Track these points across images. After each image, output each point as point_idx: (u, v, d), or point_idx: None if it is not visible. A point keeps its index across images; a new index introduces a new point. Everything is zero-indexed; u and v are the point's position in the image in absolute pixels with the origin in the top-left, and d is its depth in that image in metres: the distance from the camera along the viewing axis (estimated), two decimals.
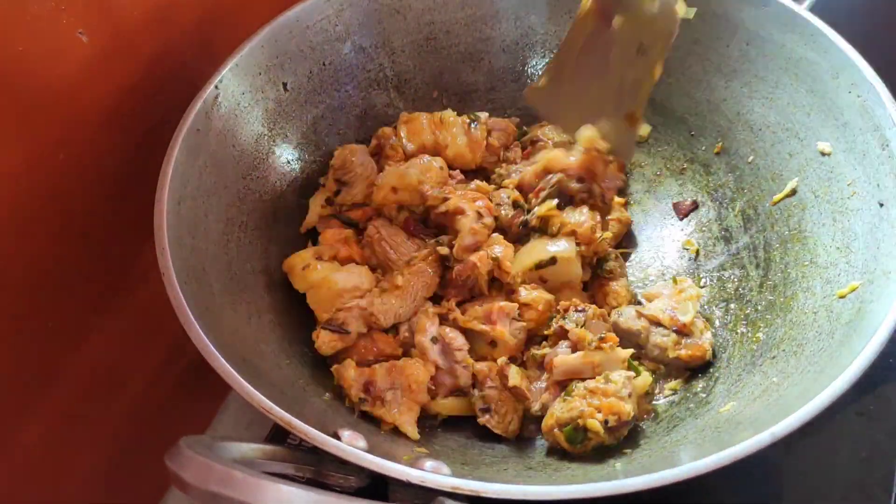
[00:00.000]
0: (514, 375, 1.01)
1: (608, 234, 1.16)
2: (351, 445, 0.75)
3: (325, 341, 1.05)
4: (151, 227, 0.90)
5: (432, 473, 0.73)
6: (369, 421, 1.00)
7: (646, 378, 1.01)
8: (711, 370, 1.05)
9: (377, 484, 0.76)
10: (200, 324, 0.83)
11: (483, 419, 1.01)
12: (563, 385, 1.00)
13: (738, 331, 1.07)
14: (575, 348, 1.03)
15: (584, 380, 0.99)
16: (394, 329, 1.09)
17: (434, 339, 1.05)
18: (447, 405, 1.05)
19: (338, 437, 0.77)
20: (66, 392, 0.98)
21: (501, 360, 1.03)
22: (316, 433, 0.75)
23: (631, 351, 1.03)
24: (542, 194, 1.16)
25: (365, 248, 1.16)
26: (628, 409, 0.94)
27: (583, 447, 0.94)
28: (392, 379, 1.01)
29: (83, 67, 0.91)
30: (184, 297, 0.85)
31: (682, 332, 1.06)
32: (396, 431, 0.99)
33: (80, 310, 0.99)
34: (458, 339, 1.06)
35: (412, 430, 0.98)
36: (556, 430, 0.95)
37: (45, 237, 0.91)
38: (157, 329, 1.09)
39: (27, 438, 0.95)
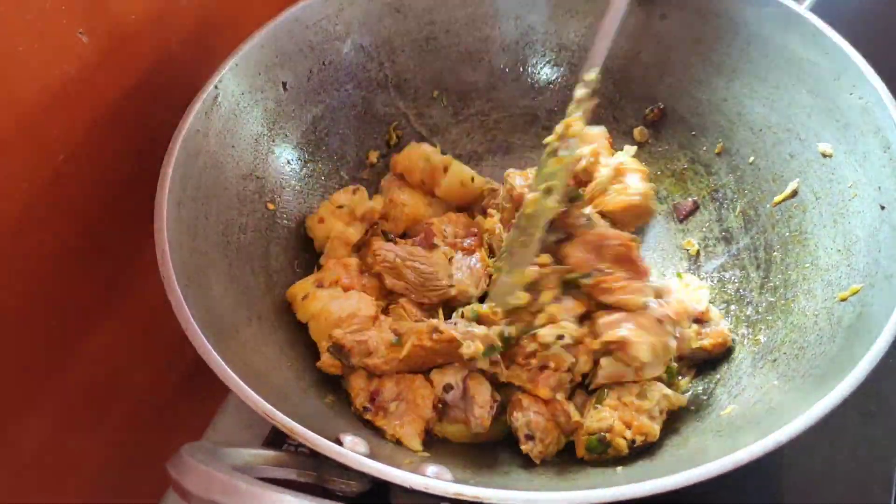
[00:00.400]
0: (575, 412, 0.96)
1: None
2: (352, 450, 0.74)
3: (327, 364, 1.03)
4: (151, 228, 0.90)
5: (435, 479, 0.72)
6: (373, 426, 0.99)
7: (679, 399, 0.98)
8: (712, 372, 1.05)
9: (379, 489, 0.76)
10: (200, 326, 0.83)
11: (526, 447, 0.95)
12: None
13: (739, 332, 1.07)
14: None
15: (621, 384, 0.98)
16: None
17: (448, 388, 0.98)
18: (454, 432, 1.01)
19: (339, 443, 0.76)
20: (65, 393, 0.98)
21: (560, 396, 0.97)
22: (317, 438, 0.74)
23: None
24: None
25: (372, 278, 1.12)
26: (656, 430, 0.93)
27: (598, 457, 0.94)
28: (399, 390, 0.99)
29: (83, 67, 0.91)
30: (184, 300, 0.84)
31: (701, 320, 1.07)
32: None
33: (80, 311, 0.99)
34: (482, 396, 0.98)
35: (415, 444, 0.96)
36: (581, 438, 0.96)
37: (44, 238, 0.91)
38: (157, 331, 1.09)
39: (27, 439, 0.95)
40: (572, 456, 0.97)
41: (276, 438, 1.12)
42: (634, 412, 0.94)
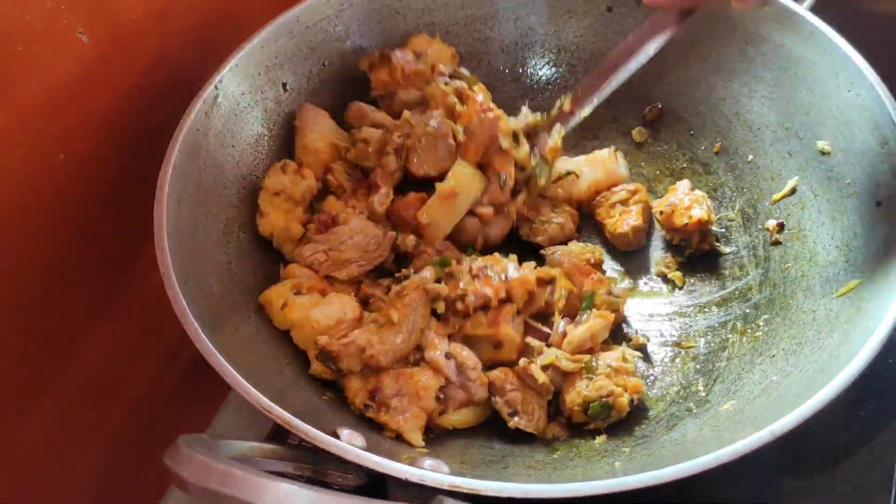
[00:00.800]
0: (540, 373, 1.00)
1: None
2: (350, 444, 0.75)
3: (319, 371, 1.01)
4: (151, 228, 0.90)
5: (431, 472, 0.73)
6: (371, 421, 0.99)
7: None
8: (711, 368, 1.05)
9: (376, 482, 0.76)
10: (200, 323, 0.83)
11: (513, 423, 0.98)
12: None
13: (738, 329, 1.07)
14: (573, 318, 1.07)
15: (591, 351, 1.03)
16: None
17: (448, 356, 1.01)
18: (460, 419, 1.02)
19: (337, 436, 0.77)
20: (65, 392, 0.98)
21: (523, 361, 1.01)
22: (315, 432, 0.75)
23: (612, 316, 1.06)
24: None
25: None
26: (644, 388, 1.00)
27: (601, 423, 0.98)
28: (399, 386, 0.98)
29: (83, 67, 0.91)
30: (183, 297, 0.85)
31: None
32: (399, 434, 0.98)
33: (80, 310, 0.99)
34: (471, 359, 1.02)
35: (416, 438, 0.95)
36: (576, 407, 0.98)
37: (44, 237, 0.91)
38: (157, 329, 1.09)
39: (27, 439, 0.95)
40: (570, 450, 0.97)
41: (277, 438, 1.12)
42: (625, 375, 0.99)
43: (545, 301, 1.08)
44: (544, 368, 1.01)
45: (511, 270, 1.07)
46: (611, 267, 1.21)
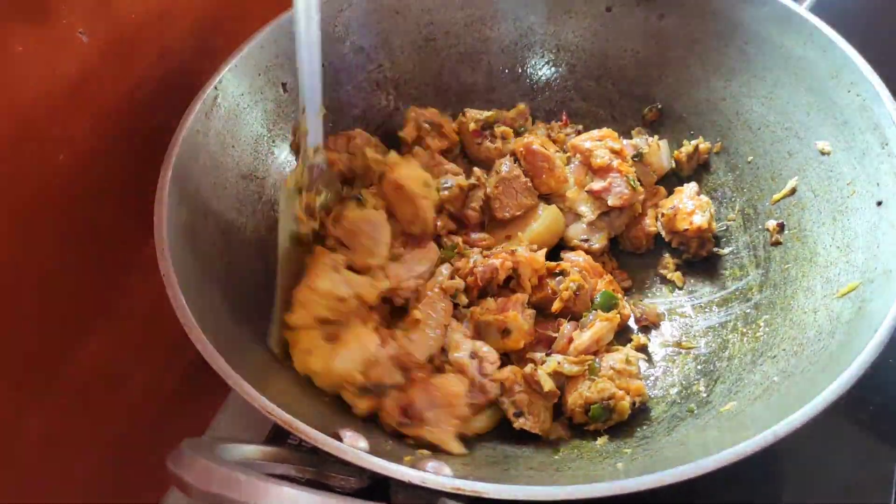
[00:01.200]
0: (546, 380, 1.00)
1: None
2: (352, 446, 0.75)
3: (362, 409, 0.97)
4: (151, 228, 0.90)
5: (433, 474, 0.73)
6: (371, 421, 0.98)
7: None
8: (712, 369, 1.05)
9: (379, 485, 0.76)
10: (201, 324, 0.83)
11: (518, 423, 0.99)
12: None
13: (739, 330, 1.07)
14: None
15: (596, 353, 1.04)
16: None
17: (472, 355, 1.02)
18: (482, 425, 1.01)
19: (339, 438, 0.77)
20: (66, 392, 0.98)
21: (529, 367, 1.01)
22: (317, 434, 0.75)
23: (618, 318, 1.07)
24: None
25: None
26: (646, 391, 1.02)
27: (603, 424, 0.99)
28: (430, 397, 0.97)
29: (83, 67, 0.91)
30: (184, 298, 0.85)
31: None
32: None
33: (81, 311, 0.99)
34: (491, 354, 1.03)
35: (456, 446, 0.94)
36: (577, 408, 0.99)
37: (44, 237, 0.91)
38: (158, 329, 1.09)
39: (27, 438, 0.95)
40: (572, 452, 0.98)
41: (277, 438, 1.12)
42: (628, 378, 1.01)
43: (552, 288, 1.10)
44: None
45: (521, 250, 1.10)
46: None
